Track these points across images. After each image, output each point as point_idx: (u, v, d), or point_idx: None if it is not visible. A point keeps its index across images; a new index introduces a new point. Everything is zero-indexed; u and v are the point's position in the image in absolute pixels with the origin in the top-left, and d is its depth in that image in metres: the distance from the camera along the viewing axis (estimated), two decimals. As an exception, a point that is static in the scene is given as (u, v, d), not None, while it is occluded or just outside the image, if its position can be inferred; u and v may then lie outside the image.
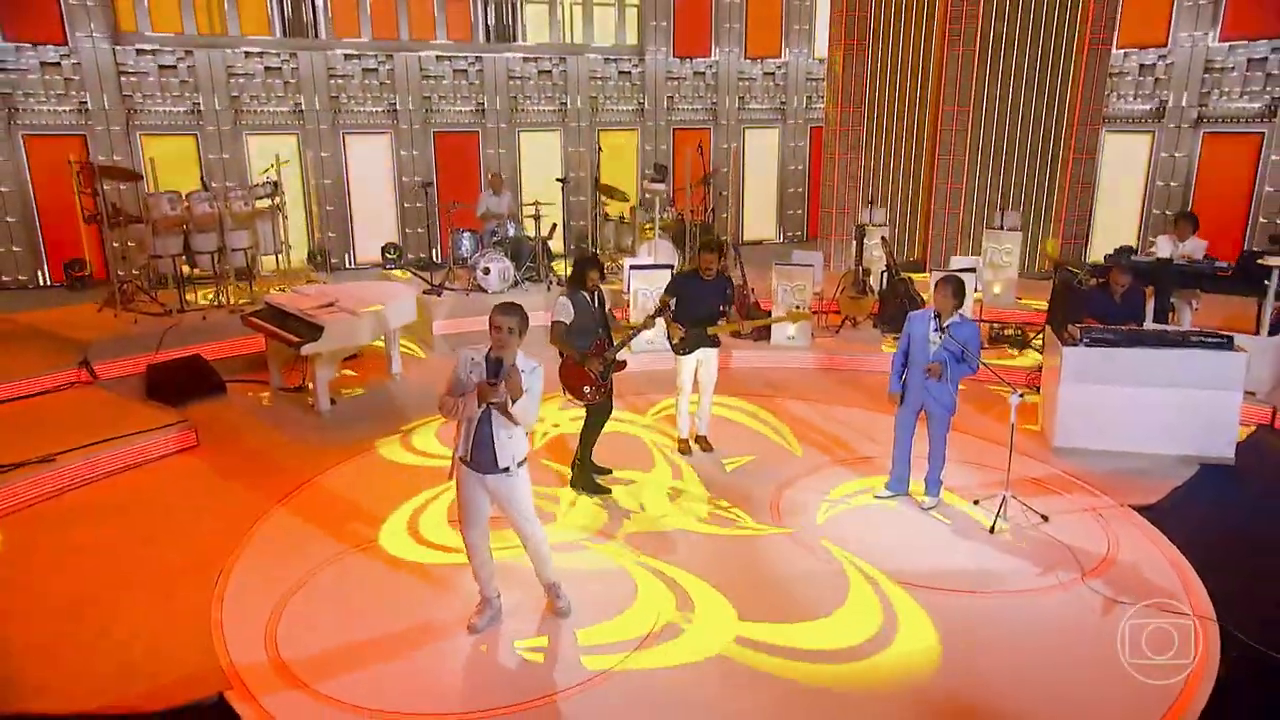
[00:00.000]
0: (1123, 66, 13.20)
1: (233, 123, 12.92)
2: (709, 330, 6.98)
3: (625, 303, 10.26)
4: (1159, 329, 7.67)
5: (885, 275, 10.63)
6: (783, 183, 16.60)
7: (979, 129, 12.55)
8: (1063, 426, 7.29)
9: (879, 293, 10.69)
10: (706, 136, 15.62)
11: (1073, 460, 7.16)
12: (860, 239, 10.72)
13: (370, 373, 9.54)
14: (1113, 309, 7.50)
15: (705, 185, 12.95)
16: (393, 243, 13.98)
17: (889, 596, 5.27)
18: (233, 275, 10.88)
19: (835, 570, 5.58)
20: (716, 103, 15.79)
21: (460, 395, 4.52)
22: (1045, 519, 6.13)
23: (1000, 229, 11.63)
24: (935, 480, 6.37)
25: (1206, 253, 9.23)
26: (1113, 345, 7.09)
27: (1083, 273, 9.31)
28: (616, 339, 6.54)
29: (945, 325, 5.98)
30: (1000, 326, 10.53)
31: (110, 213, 9.98)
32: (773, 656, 4.72)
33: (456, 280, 11.61)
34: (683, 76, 15.51)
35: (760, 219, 16.60)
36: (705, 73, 15.61)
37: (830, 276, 11.78)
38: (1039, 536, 5.97)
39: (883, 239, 10.98)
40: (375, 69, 13.57)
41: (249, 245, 10.87)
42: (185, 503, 6.55)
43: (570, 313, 6.30)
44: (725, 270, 7.21)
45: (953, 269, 9.77)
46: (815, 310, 10.46)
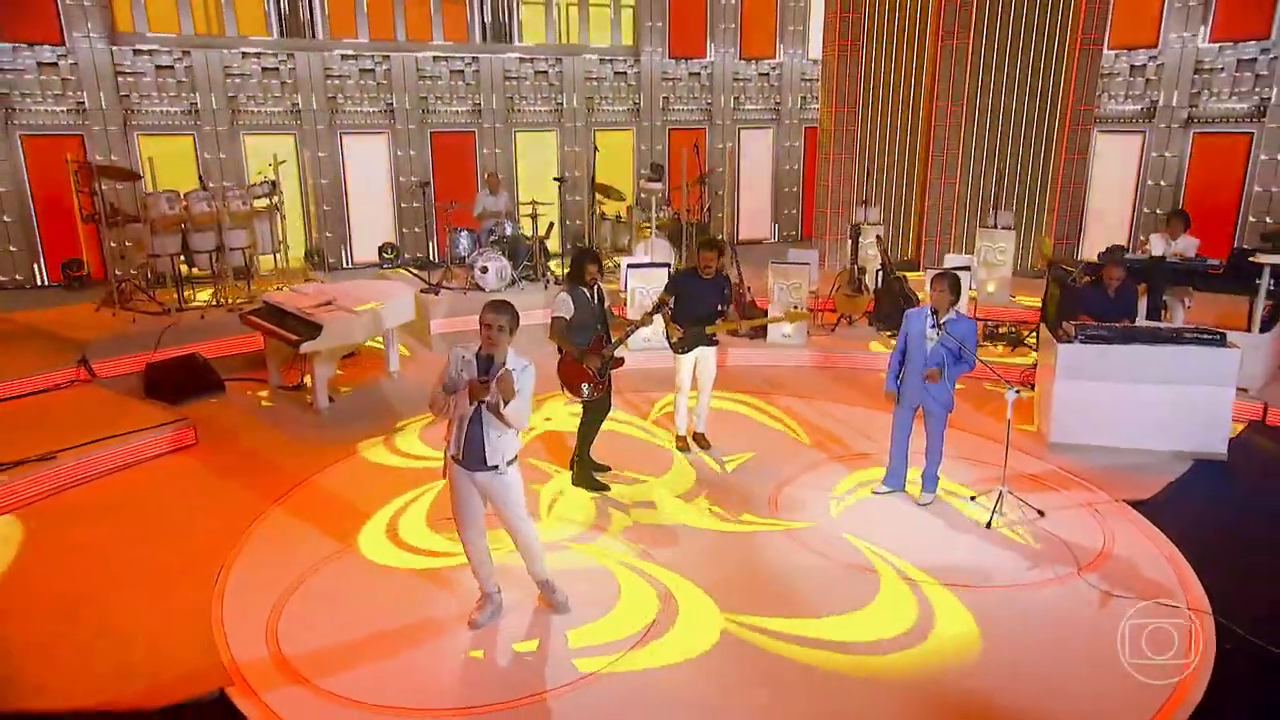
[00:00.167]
0: (1113, 67, 13.30)
1: (230, 123, 12.92)
2: (707, 329, 7.01)
3: (622, 301, 10.30)
4: (1152, 326, 7.74)
5: (880, 274, 10.70)
6: (777, 182, 16.65)
7: (972, 129, 12.65)
8: (1058, 423, 7.34)
9: (874, 291, 10.76)
10: (702, 136, 15.67)
11: (1068, 456, 7.21)
12: (855, 238, 10.79)
13: (368, 371, 9.57)
14: (1106, 305, 7.59)
15: (701, 184, 13.00)
16: (390, 242, 13.98)
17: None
18: (231, 274, 10.90)
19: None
20: (711, 103, 15.84)
21: (451, 394, 4.53)
22: (1041, 514, 6.18)
23: (994, 228, 11.72)
24: (932, 476, 6.42)
25: (1198, 251, 9.32)
26: (1107, 342, 7.14)
27: (1076, 271, 9.39)
28: (615, 336, 6.54)
29: (942, 322, 6.02)
30: (995, 324, 10.60)
31: (109, 212, 9.99)
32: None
33: (454, 279, 11.63)
34: (678, 77, 15.56)
35: (755, 219, 16.64)
36: (700, 73, 15.66)
37: (825, 275, 11.83)
38: (1035, 531, 6.01)
39: (878, 238, 11.04)
40: (372, 69, 13.59)
41: (247, 245, 10.88)
42: (184, 501, 6.54)
43: (570, 308, 6.30)
44: (723, 269, 7.25)
45: (947, 268, 9.83)
46: (811, 309, 10.51)
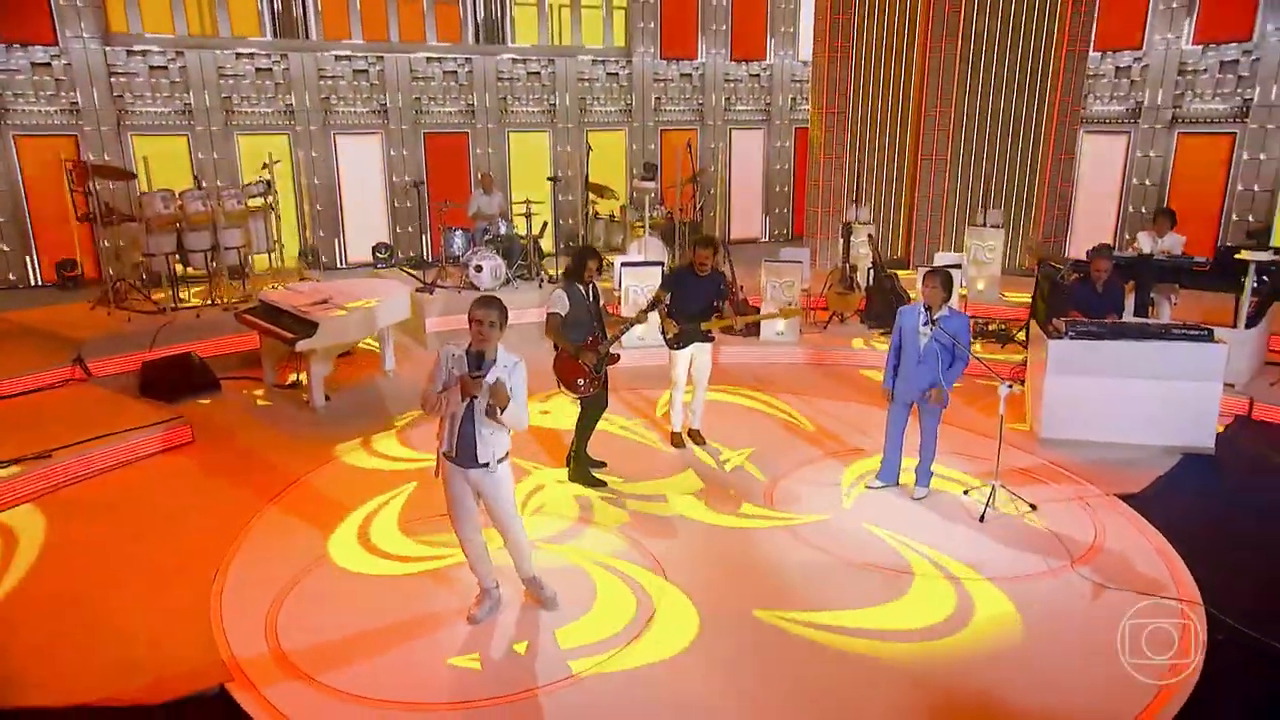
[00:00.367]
0: (1099, 69, 13.45)
1: (224, 123, 12.91)
2: (703, 326, 7.08)
3: (616, 299, 10.36)
4: (1141, 322, 7.84)
5: (871, 272, 10.79)
6: (768, 182, 16.74)
7: (961, 129, 12.80)
8: (1049, 417, 7.44)
9: (865, 289, 10.86)
10: (694, 137, 15.73)
11: (1059, 451, 7.29)
12: (846, 237, 10.88)
13: (364, 369, 9.59)
14: (1094, 300, 7.67)
15: (694, 184, 13.07)
16: (384, 242, 13.99)
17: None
18: (226, 273, 10.90)
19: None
20: (703, 104, 15.92)
21: (442, 391, 4.55)
22: (1034, 508, 6.27)
23: (983, 226, 11.83)
24: (926, 471, 6.51)
25: (1183, 249, 9.44)
26: (1097, 338, 7.23)
27: (1064, 268, 9.50)
28: (610, 333, 6.59)
29: (935, 318, 6.09)
30: (984, 322, 10.70)
31: (103, 212, 9.98)
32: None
33: (449, 278, 11.66)
34: (669, 78, 15.62)
35: (746, 218, 16.72)
36: (691, 74, 15.74)
37: (817, 274, 11.92)
38: (1028, 525, 6.11)
39: (869, 236, 11.14)
40: (365, 70, 13.60)
41: (242, 244, 10.87)
42: (179, 499, 6.54)
43: (565, 304, 6.34)
44: (718, 266, 7.32)
45: (938, 265, 9.92)
46: (804, 306, 10.59)
